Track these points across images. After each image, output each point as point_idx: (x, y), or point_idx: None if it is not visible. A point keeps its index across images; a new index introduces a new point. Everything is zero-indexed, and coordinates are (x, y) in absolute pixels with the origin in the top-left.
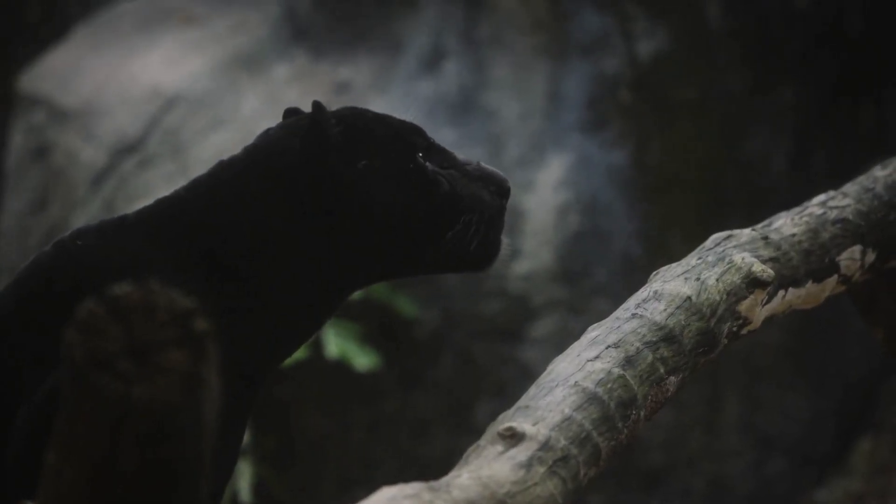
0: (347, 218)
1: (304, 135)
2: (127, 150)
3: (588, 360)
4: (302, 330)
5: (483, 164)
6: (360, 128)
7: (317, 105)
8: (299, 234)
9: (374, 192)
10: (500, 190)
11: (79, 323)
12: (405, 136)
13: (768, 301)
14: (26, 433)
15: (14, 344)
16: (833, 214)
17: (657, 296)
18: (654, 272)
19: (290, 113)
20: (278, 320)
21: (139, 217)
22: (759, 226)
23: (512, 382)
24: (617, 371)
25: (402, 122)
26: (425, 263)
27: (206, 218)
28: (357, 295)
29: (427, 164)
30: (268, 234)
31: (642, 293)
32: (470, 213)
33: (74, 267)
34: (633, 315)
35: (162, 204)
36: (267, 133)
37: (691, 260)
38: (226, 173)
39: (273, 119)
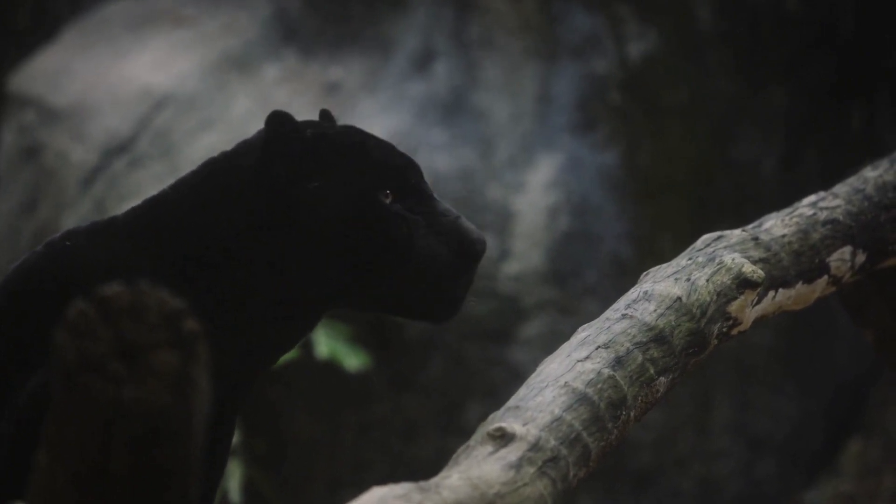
0: (293, 236)
1: (262, 145)
2: (117, 150)
3: (578, 361)
4: (273, 341)
5: (462, 221)
6: (324, 149)
7: (274, 116)
8: (253, 246)
9: (319, 215)
10: (467, 250)
11: (68, 324)
12: (377, 168)
13: (758, 302)
14: (12, 434)
15: (2, 344)
16: (823, 215)
17: (647, 296)
18: (645, 273)
19: (324, 116)
20: (246, 330)
21: (126, 219)
22: (750, 227)
23: (502, 383)
24: (607, 372)
25: (389, 155)
26: (376, 302)
27: (180, 222)
28: None
29: (390, 202)
30: (227, 241)
31: (632, 294)
32: (416, 264)
33: (63, 268)
34: (624, 316)
35: (147, 205)
36: (245, 140)
37: (681, 261)
38: (203, 173)
39: (262, 119)
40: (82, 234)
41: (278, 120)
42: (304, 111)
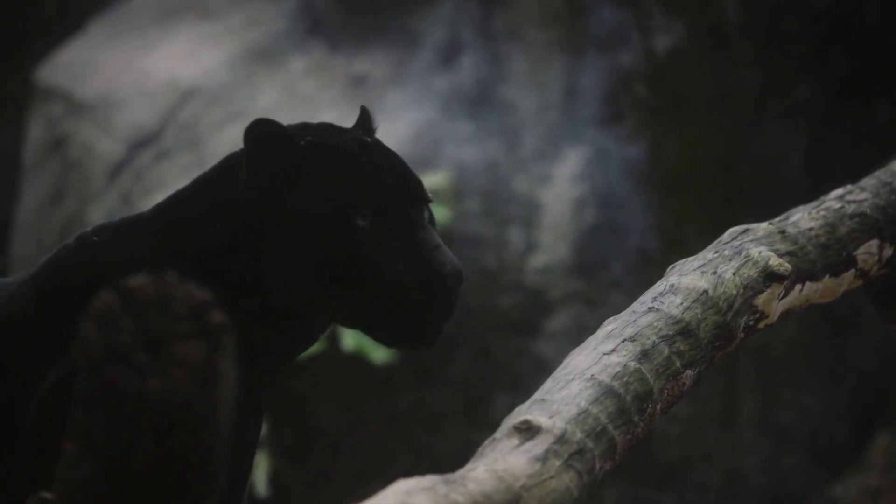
0: (273, 245)
1: (245, 154)
2: (143, 142)
3: (604, 354)
4: (275, 345)
5: (439, 252)
6: (308, 161)
7: (257, 125)
8: (242, 248)
9: (292, 229)
10: (435, 282)
11: (94, 316)
12: (360, 187)
13: (785, 295)
14: (37, 424)
15: (29, 337)
16: (850, 209)
17: (674, 289)
18: (671, 266)
19: (364, 114)
20: (245, 332)
21: (150, 215)
22: (777, 220)
23: (528, 376)
24: (633, 365)
25: (379, 172)
26: (354, 323)
27: (192, 220)
28: None
29: (367, 223)
30: (225, 242)
31: (659, 287)
32: (383, 290)
33: (89, 263)
34: (650, 309)
35: (169, 201)
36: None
37: (708, 254)
38: (219, 170)
39: (290, 112)
40: (111, 229)
41: (260, 129)
42: (330, 104)
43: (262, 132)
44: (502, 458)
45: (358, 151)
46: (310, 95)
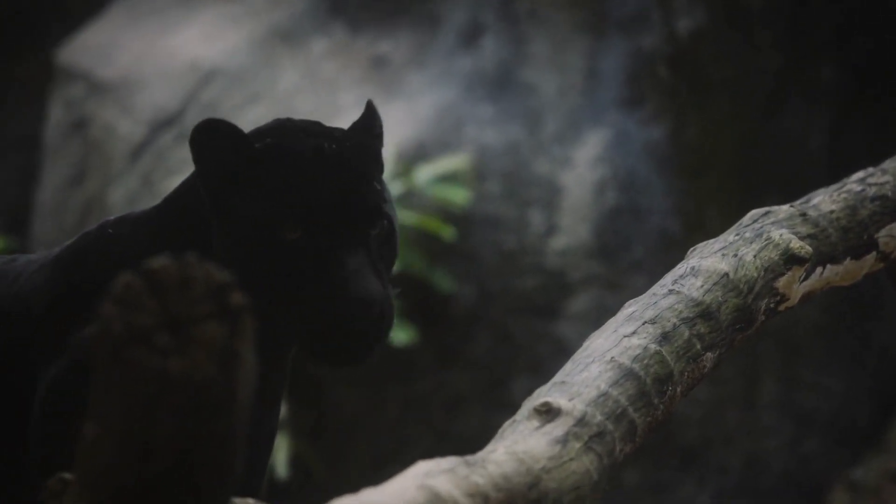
0: (215, 243)
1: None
2: (165, 124)
3: (624, 336)
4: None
5: (363, 278)
6: (255, 166)
7: (203, 127)
8: (205, 244)
9: (227, 229)
10: (342, 311)
11: (115, 296)
12: (295, 201)
13: (806, 278)
14: (48, 408)
15: (42, 321)
16: (872, 191)
17: (694, 272)
18: (692, 248)
19: (369, 108)
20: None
21: (158, 208)
22: (798, 202)
23: (548, 358)
24: (653, 347)
25: (318, 189)
26: (286, 331)
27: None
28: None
29: (295, 238)
30: (199, 236)
31: (679, 269)
32: (296, 309)
33: (104, 255)
34: (670, 291)
35: (175, 193)
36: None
37: (729, 236)
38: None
39: (311, 93)
40: (129, 222)
41: (208, 130)
42: (351, 85)
43: (208, 133)
44: (522, 440)
45: (308, 163)
46: (331, 77)
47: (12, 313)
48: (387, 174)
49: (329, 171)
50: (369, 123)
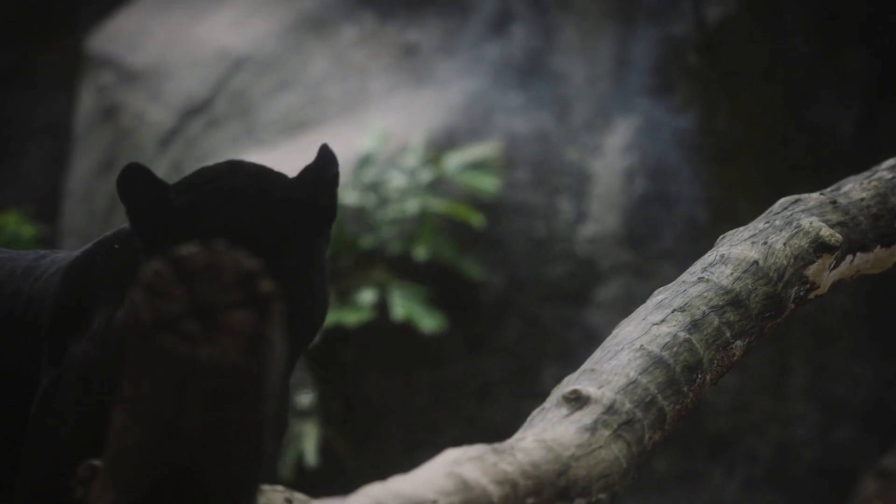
0: None
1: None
2: (194, 111)
3: (654, 324)
4: None
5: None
6: (172, 224)
7: (125, 172)
8: None
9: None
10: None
11: (145, 284)
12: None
13: (836, 266)
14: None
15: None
16: None
17: (724, 260)
18: (721, 236)
19: (322, 152)
20: None
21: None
22: (828, 190)
23: (577, 346)
24: (683, 335)
25: (210, 237)
26: None
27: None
28: (423, 257)
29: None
30: None
31: (709, 257)
32: None
33: (109, 270)
34: (700, 279)
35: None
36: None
37: (759, 224)
38: None
39: (340, 81)
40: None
41: (126, 179)
42: (381, 73)
43: (127, 181)
44: (551, 428)
45: (218, 234)
46: (360, 65)
47: (26, 316)
48: (416, 162)
49: (222, 223)
50: (319, 171)
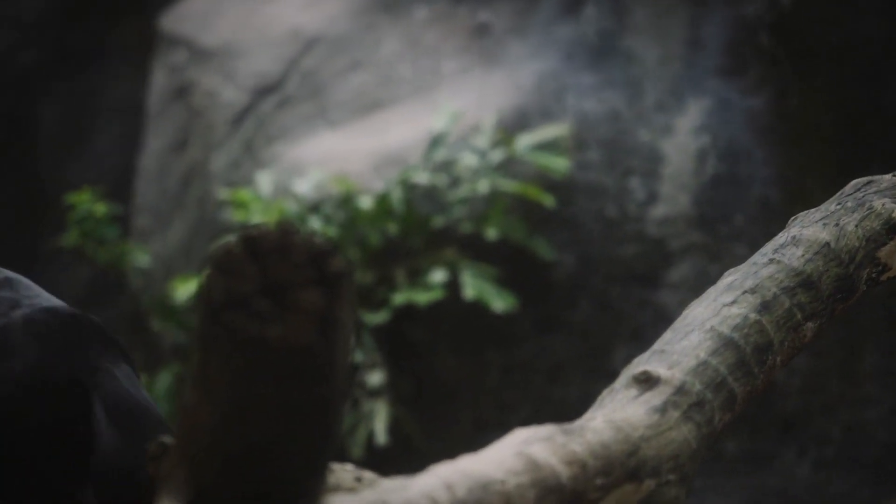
0: None
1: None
2: (266, 90)
3: (724, 305)
4: None
5: None
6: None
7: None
8: None
9: None
10: None
11: (216, 263)
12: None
13: None
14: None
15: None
16: None
17: (795, 241)
18: (793, 218)
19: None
20: None
21: None
22: None
23: (648, 326)
24: (753, 316)
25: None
26: None
27: None
28: (494, 237)
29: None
30: None
31: (780, 238)
32: None
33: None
34: (771, 260)
35: None
36: None
37: (830, 206)
38: None
39: (412, 61)
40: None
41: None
42: (453, 53)
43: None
44: (621, 409)
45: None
46: (432, 45)
47: None
48: (487, 142)
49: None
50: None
